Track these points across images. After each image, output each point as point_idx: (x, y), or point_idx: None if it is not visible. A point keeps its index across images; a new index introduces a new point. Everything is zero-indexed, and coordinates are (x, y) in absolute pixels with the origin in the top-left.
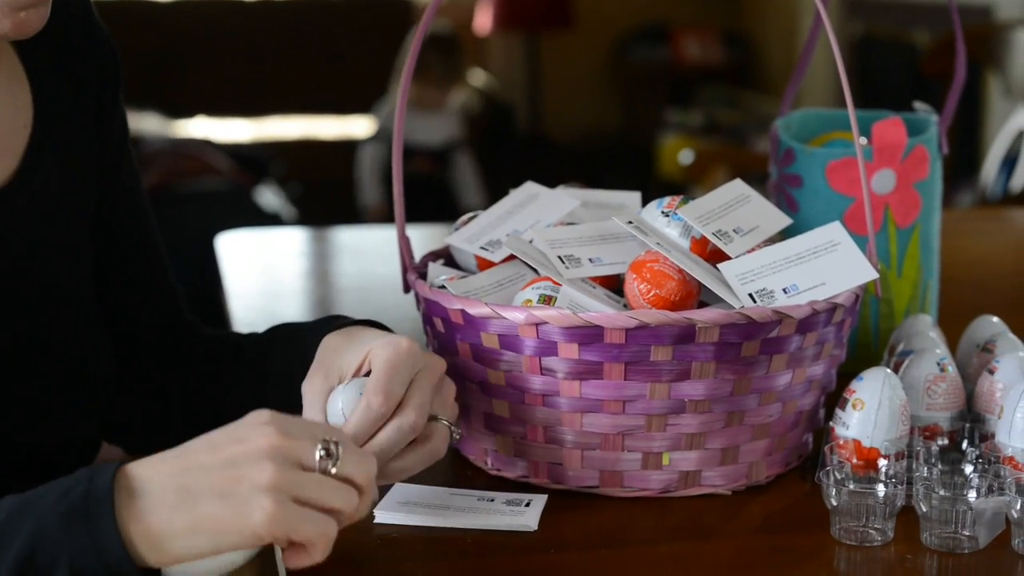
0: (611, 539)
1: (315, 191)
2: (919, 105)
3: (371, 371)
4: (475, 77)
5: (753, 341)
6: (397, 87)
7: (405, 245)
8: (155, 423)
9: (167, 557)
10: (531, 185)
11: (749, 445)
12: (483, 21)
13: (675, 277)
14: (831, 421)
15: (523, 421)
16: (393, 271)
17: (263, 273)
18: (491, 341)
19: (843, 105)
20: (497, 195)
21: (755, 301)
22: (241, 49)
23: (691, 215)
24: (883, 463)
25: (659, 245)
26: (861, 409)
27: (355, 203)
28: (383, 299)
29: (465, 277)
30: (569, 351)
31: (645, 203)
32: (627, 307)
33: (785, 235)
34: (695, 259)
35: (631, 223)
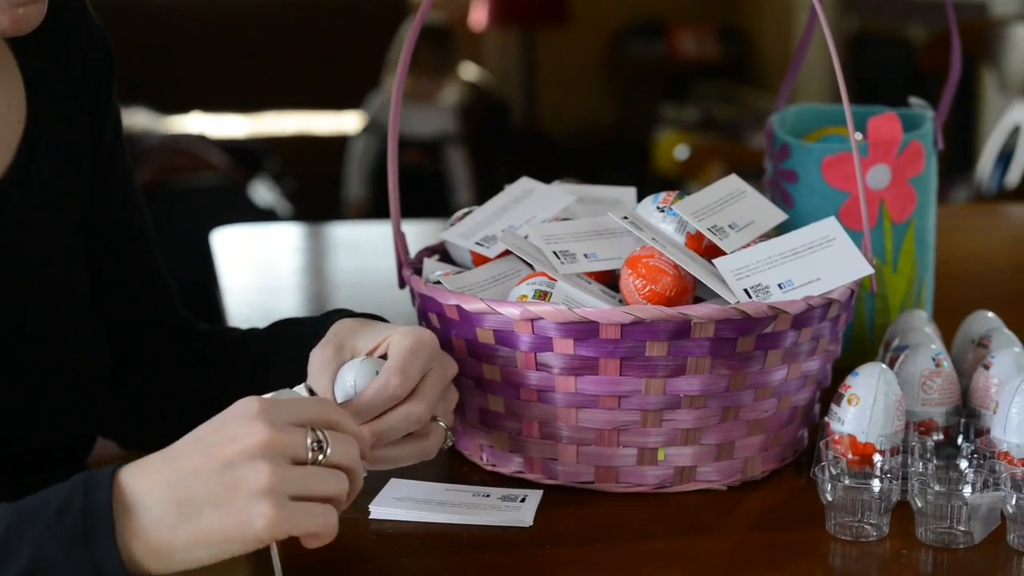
0: (606, 535)
1: (310, 187)
2: (914, 100)
3: (389, 355)
4: (471, 72)
5: (748, 336)
6: (389, 80)
7: (400, 241)
8: (149, 418)
9: (171, 569)
10: (526, 181)
11: (744, 440)
12: (479, 16)
13: (670, 272)
14: (826, 416)
15: (518, 417)
16: (388, 266)
17: (258, 269)
18: (486, 336)
19: (839, 100)
20: (492, 191)
21: (750, 296)
22: (236, 44)
23: (686, 210)
24: (878, 458)
25: (654, 240)
26: (856, 404)
27: (341, 195)
28: (379, 294)
29: (460, 272)
30: (564, 346)
31: (641, 198)
32: (622, 302)
33: (780, 230)
34: (690, 254)
35: (626, 219)
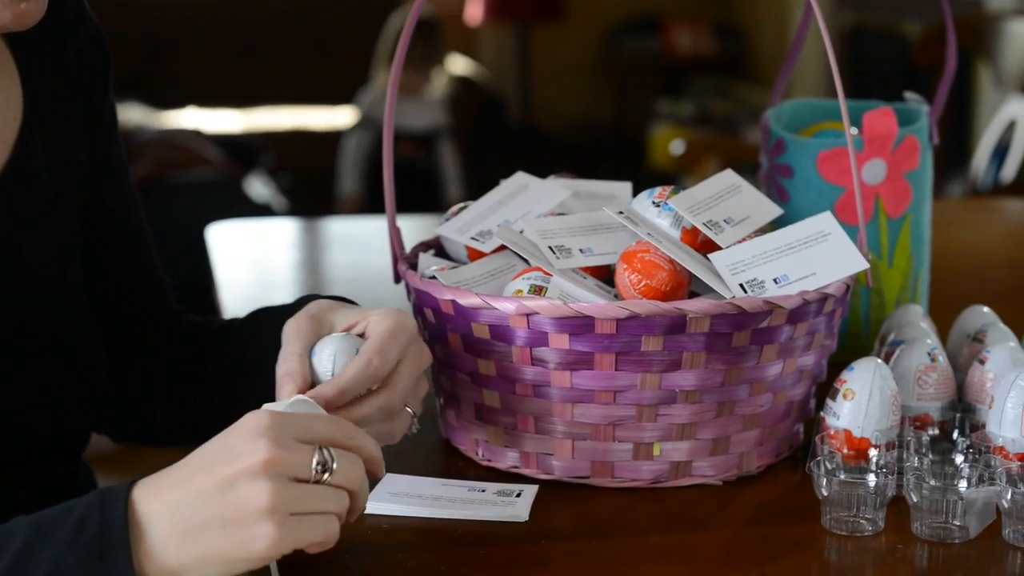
0: (602, 530)
1: (306, 182)
2: (910, 95)
3: (369, 333)
4: (467, 68)
5: (744, 331)
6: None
7: (396, 236)
8: (141, 413)
9: None
10: (522, 175)
11: (740, 435)
12: (474, 12)
13: (666, 267)
14: (822, 411)
15: (514, 411)
16: (384, 262)
17: (254, 264)
18: (482, 331)
19: (834, 95)
20: (488, 186)
21: (746, 291)
22: (231, 40)
23: (682, 205)
24: (874, 453)
25: (650, 235)
26: (852, 399)
27: (335, 191)
28: (374, 289)
29: (456, 267)
30: (560, 341)
31: (636, 193)
32: (618, 297)
33: (776, 225)
34: (686, 249)
35: (622, 213)
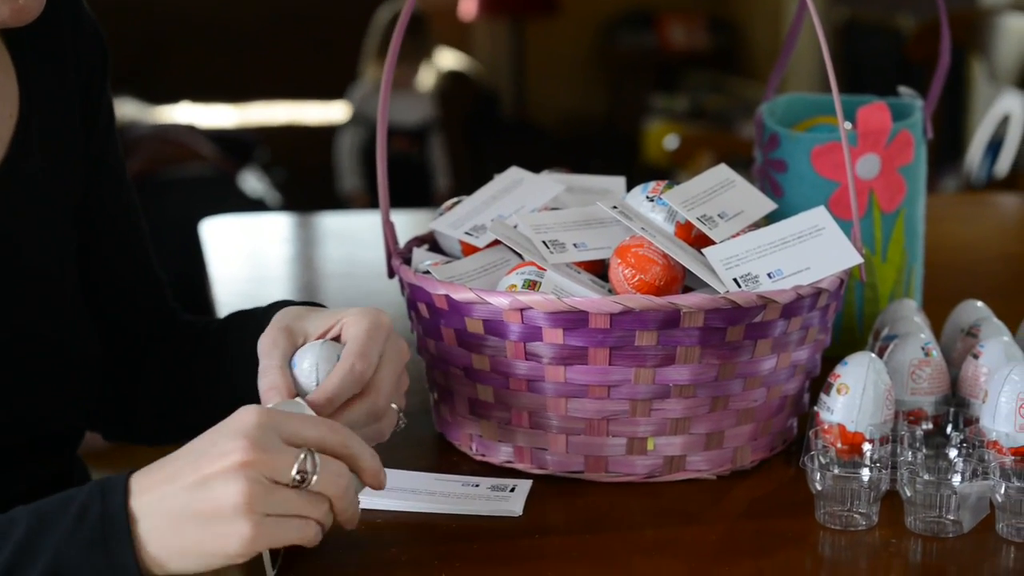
0: (596, 524)
1: (299, 176)
2: (904, 90)
3: (346, 336)
4: (459, 62)
5: (738, 326)
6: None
7: (389, 230)
8: (134, 412)
9: (167, 572)
10: (516, 170)
11: (734, 430)
12: (468, 6)
13: (660, 262)
14: (816, 406)
15: (508, 406)
16: (378, 256)
17: (248, 259)
18: (475, 326)
19: (828, 90)
20: (482, 180)
21: (740, 286)
22: (225, 34)
23: (676, 200)
24: (868, 448)
25: (644, 230)
26: (846, 394)
27: (337, 190)
28: (368, 284)
29: (449, 262)
30: (554, 336)
31: (630, 188)
32: (612, 292)
33: (770, 220)
34: (680, 244)
35: (616, 208)
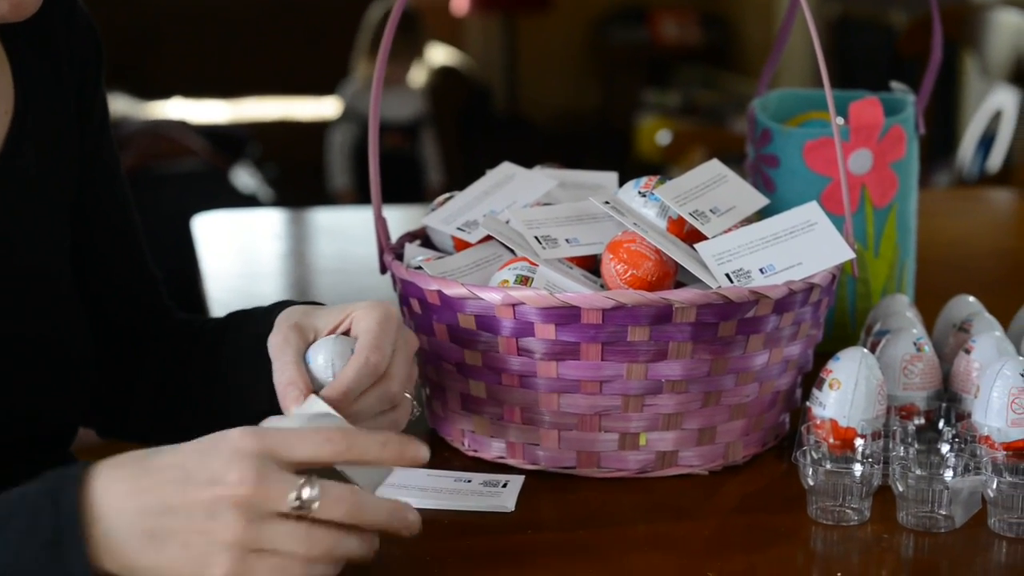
0: (588, 520)
1: (292, 172)
2: (896, 85)
3: (356, 330)
4: (452, 57)
5: (730, 321)
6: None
7: (382, 226)
8: (129, 409)
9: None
10: (508, 166)
11: (726, 425)
12: (460, 2)
13: (652, 257)
14: (808, 401)
15: (500, 402)
16: (370, 252)
17: (240, 255)
18: (468, 322)
19: (820, 85)
20: (474, 176)
21: (732, 281)
22: (217, 29)
23: (668, 195)
24: (860, 443)
25: (636, 225)
26: (838, 389)
27: (328, 186)
28: (360, 280)
29: (442, 258)
30: (546, 331)
31: (622, 183)
32: (604, 287)
33: (762, 215)
34: (672, 239)
35: (608, 203)
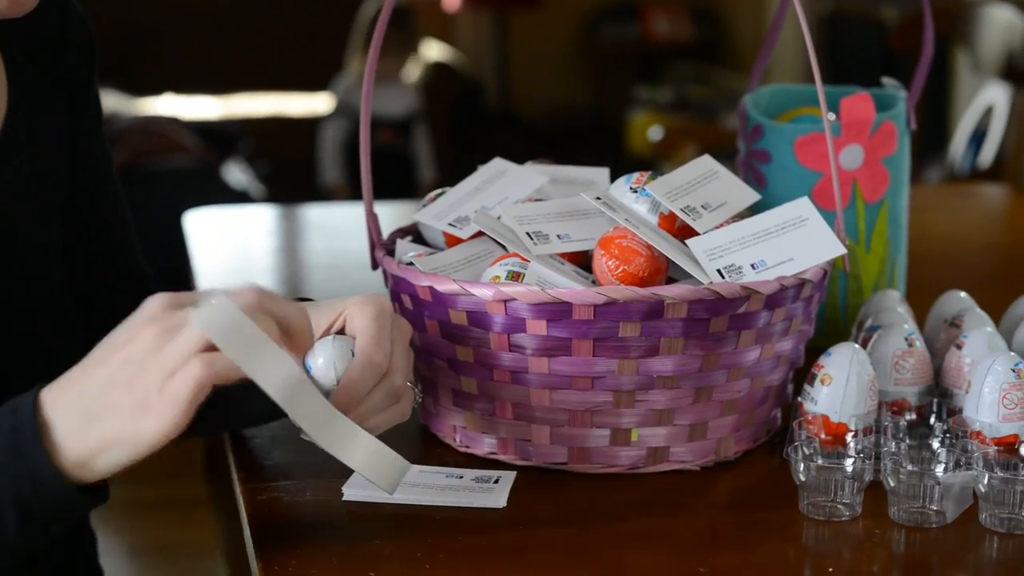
0: (579, 516)
1: (283, 168)
2: (887, 81)
3: (353, 328)
4: (444, 53)
5: (721, 317)
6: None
7: (373, 222)
8: None
9: (97, 474)
10: (499, 161)
11: (718, 421)
12: None
13: (643, 253)
14: (799, 396)
15: (491, 398)
16: (362, 248)
17: (232, 251)
18: (459, 318)
19: (811, 81)
20: (466, 172)
21: (723, 277)
22: (209, 25)
23: (659, 191)
24: (851, 438)
25: (627, 221)
26: (829, 384)
27: (319, 182)
28: (352, 276)
29: (433, 254)
30: (537, 327)
31: (614, 179)
32: (595, 283)
33: (753, 211)
34: (663, 235)
35: (599, 199)
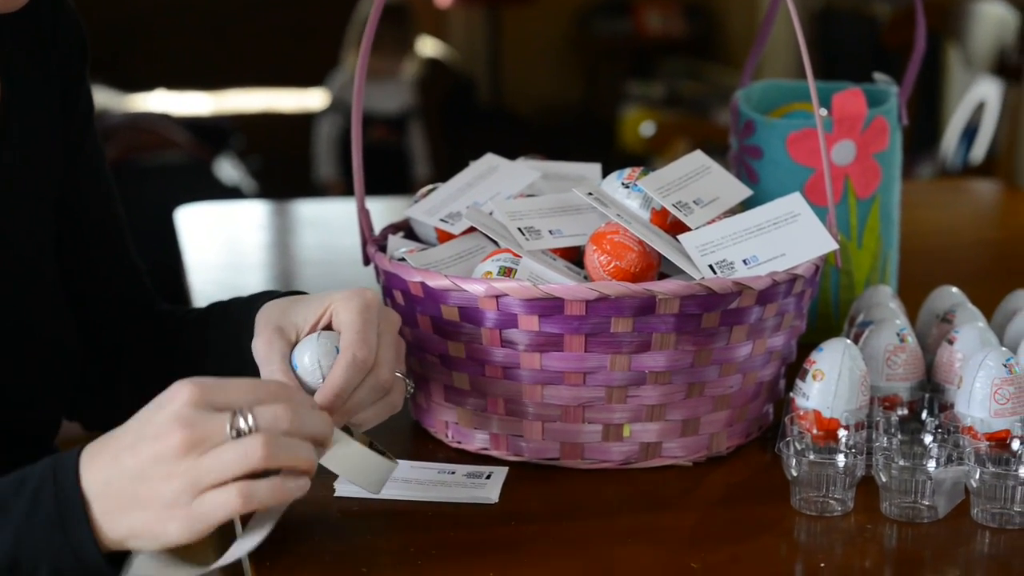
0: (572, 511)
1: (275, 164)
2: (879, 76)
3: (338, 323)
4: (436, 49)
5: (713, 312)
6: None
7: (365, 218)
8: (113, 401)
9: (121, 550)
10: (491, 157)
11: (710, 416)
12: None
13: (635, 249)
14: (791, 392)
15: (484, 393)
16: (354, 243)
17: (223, 246)
18: (451, 313)
19: (804, 76)
20: (458, 167)
21: (715, 272)
22: (201, 20)
23: (651, 186)
24: (843, 433)
25: (619, 217)
26: (821, 380)
27: (313, 177)
28: (344, 271)
29: (425, 249)
30: (529, 323)
31: (606, 175)
32: (587, 279)
33: (745, 206)
34: (655, 230)
35: (591, 195)
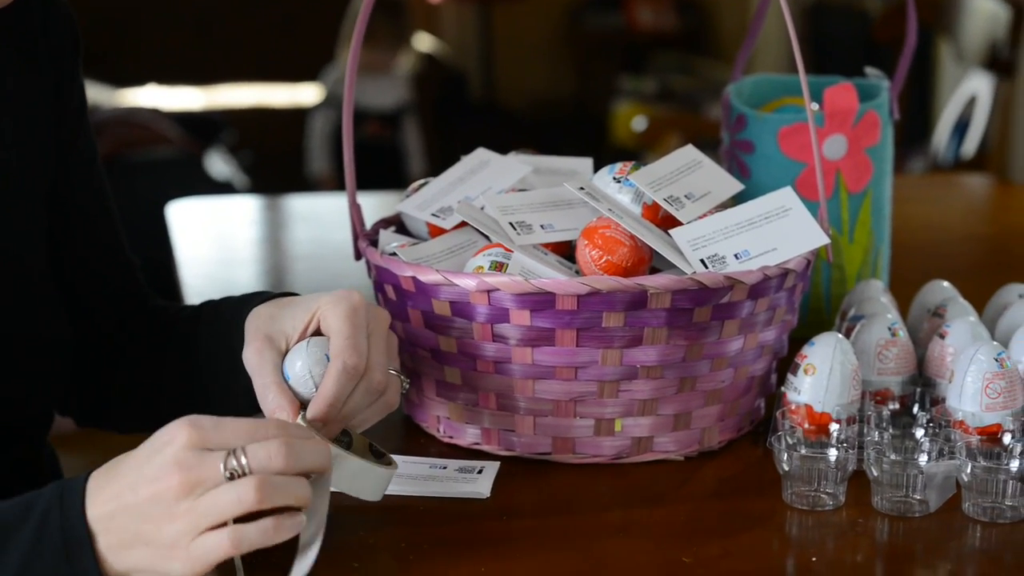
0: (563, 506)
1: (267, 159)
2: (870, 71)
3: (327, 329)
4: (428, 44)
5: (705, 307)
6: (344, 53)
7: (356, 212)
8: (105, 397)
9: None
10: (482, 151)
11: (701, 411)
12: None
13: (627, 243)
14: (783, 386)
15: (475, 388)
16: (345, 238)
17: (215, 242)
18: (443, 308)
19: (795, 71)
20: (449, 162)
21: (707, 267)
22: (193, 15)
23: (643, 181)
24: (834, 428)
25: (611, 211)
26: (813, 374)
27: (306, 171)
28: (335, 266)
29: (416, 244)
30: (521, 318)
31: (597, 169)
32: (579, 273)
33: (737, 201)
34: (647, 225)
35: (583, 189)
